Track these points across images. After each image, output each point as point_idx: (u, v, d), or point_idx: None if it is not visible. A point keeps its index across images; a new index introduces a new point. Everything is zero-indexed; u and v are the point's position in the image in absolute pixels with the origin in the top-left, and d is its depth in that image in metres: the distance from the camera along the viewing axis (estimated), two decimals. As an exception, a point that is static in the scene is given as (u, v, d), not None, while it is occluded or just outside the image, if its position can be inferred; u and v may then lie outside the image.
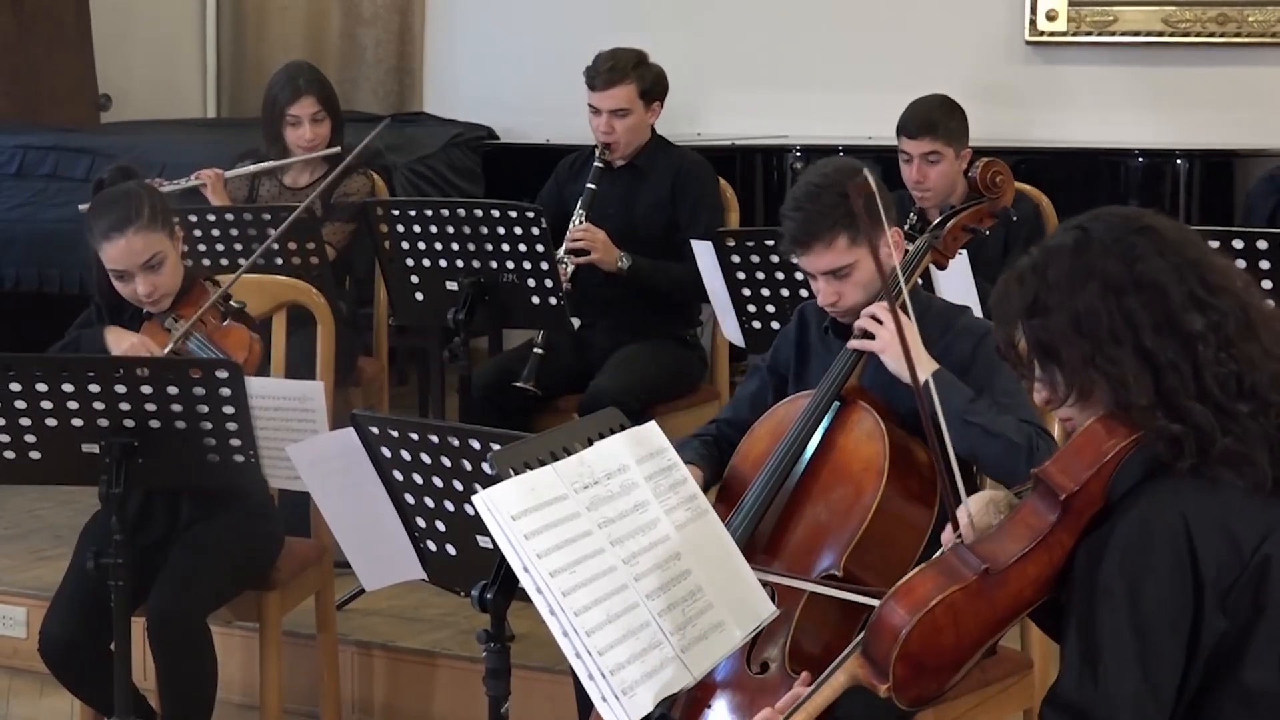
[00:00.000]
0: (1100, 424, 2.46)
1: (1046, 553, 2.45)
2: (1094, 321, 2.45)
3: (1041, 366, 2.52)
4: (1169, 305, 2.44)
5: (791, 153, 7.02)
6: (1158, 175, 6.68)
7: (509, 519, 2.45)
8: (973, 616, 2.46)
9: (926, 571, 2.49)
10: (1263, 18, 7.44)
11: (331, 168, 5.85)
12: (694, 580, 2.65)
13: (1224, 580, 2.38)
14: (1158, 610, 2.37)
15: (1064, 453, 2.47)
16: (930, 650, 2.46)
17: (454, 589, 3.30)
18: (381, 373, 6.04)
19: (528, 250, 5.03)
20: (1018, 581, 2.46)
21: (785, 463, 3.45)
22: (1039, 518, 2.46)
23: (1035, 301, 2.50)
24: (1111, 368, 2.43)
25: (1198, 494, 2.40)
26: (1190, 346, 2.43)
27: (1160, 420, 2.41)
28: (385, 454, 3.17)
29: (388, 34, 8.93)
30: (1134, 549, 2.38)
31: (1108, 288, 2.45)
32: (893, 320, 3.49)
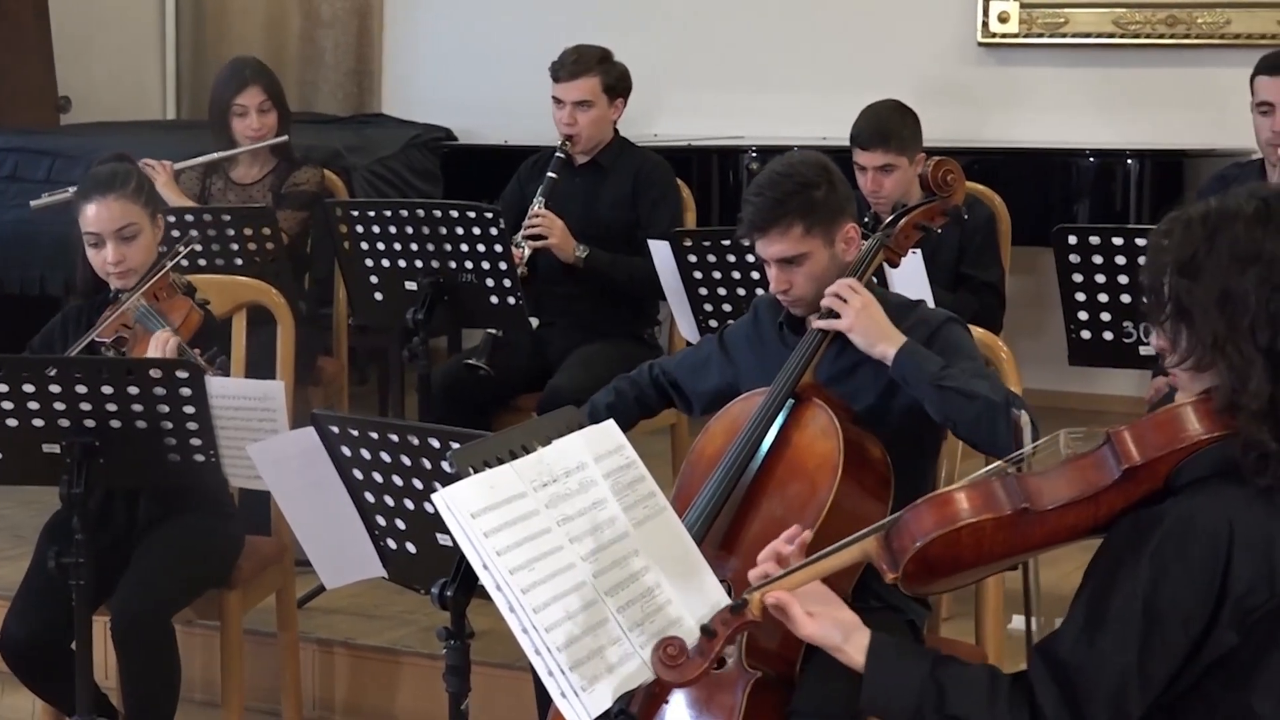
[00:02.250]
0: (1194, 409, 2.40)
1: (1092, 509, 2.42)
2: (1240, 306, 2.37)
3: (1172, 321, 2.44)
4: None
5: (747, 153, 7.03)
6: (1109, 175, 6.71)
7: (468, 517, 2.45)
8: (999, 544, 2.44)
9: (970, 490, 2.46)
10: (1211, 19, 7.48)
11: (280, 160, 5.86)
12: (652, 576, 2.65)
13: (1249, 600, 2.35)
14: (1174, 604, 2.35)
15: (1144, 423, 2.41)
16: (946, 560, 2.45)
17: (414, 586, 3.29)
18: (341, 372, 6.04)
19: (486, 250, 5.03)
20: (1054, 524, 2.43)
21: (741, 459, 3.46)
22: (1098, 474, 2.42)
23: (1192, 259, 2.40)
24: (1238, 358, 2.36)
25: (1257, 511, 2.36)
26: None
27: (1261, 432, 2.35)
28: (345, 453, 3.17)
29: (346, 36, 8.92)
30: (1172, 540, 2.35)
31: (1267, 279, 2.37)
32: (858, 296, 3.51)
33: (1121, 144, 6.92)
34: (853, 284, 3.55)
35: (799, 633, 2.52)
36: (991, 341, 3.83)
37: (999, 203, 5.55)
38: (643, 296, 5.54)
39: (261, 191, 5.87)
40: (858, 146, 5.20)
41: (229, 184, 5.93)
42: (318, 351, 5.87)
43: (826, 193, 3.58)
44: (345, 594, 4.76)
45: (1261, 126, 4.99)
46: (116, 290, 4.23)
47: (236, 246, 5.37)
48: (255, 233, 5.39)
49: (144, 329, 4.12)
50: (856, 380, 3.61)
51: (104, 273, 4.21)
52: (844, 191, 3.65)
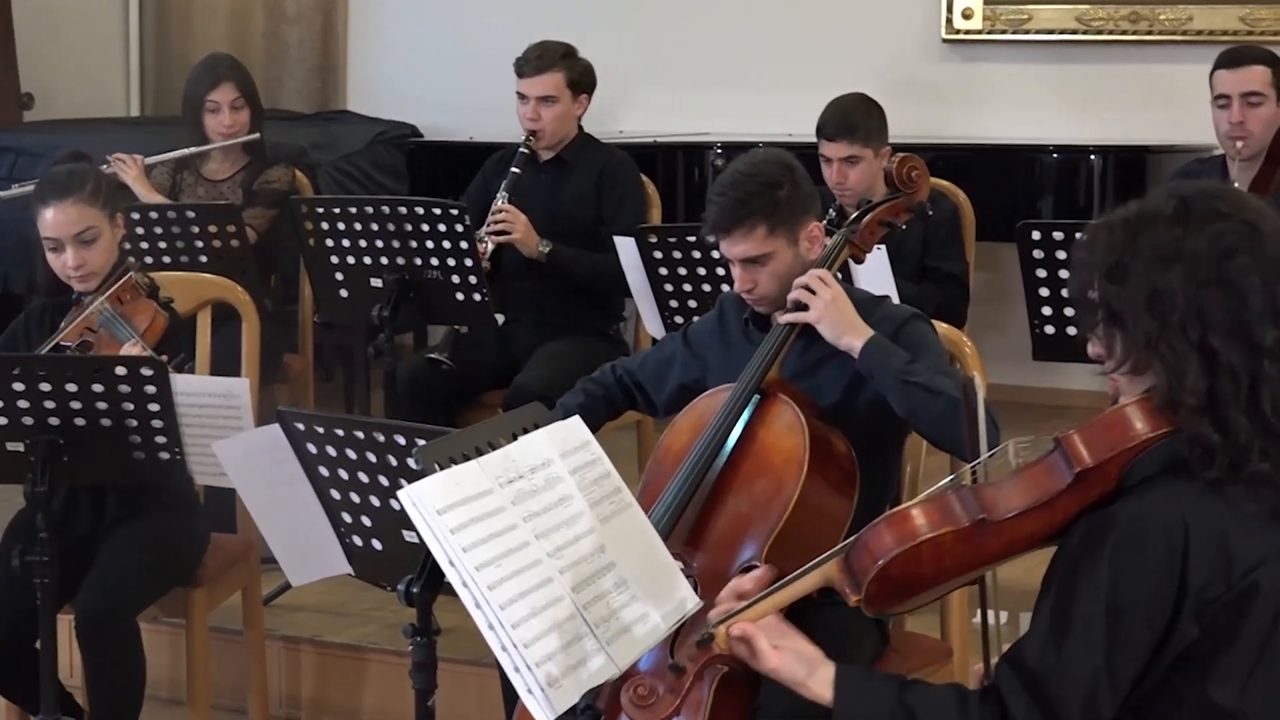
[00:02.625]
0: (1138, 408, 2.41)
1: (1048, 515, 2.43)
2: (1169, 304, 2.38)
3: (1105, 328, 2.46)
4: (1247, 312, 2.38)
5: (712, 150, 7.03)
6: (1072, 171, 6.73)
7: (434, 513, 2.45)
8: (958, 557, 2.45)
9: (925, 505, 2.47)
10: (1174, 16, 7.51)
11: (251, 157, 5.85)
12: (618, 573, 2.65)
13: (1208, 593, 2.36)
14: (1135, 603, 2.36)
15: (1092, 425, 2.42)
16: (908, 578, 2.45)
17: (380, 584, 3.28)
18: (307, 369, 6.03)
19: (452, 247, 5.03)
20: (1011, 534, 2.44)
21: (706, 456, 3.46)
22: (1050, 480, 2.43)
23: (1118, 264, 2.42)
24: (1171, 356, 2.38)
25: (1208, 505, 2.37)
26: (1255, 358, 2.37)
27: (1203, 426, 2.36)
28: (311, 450, 3.16)
29: (311, 33, 8.89)
30: (1129, 540, 2.36)
31: (1191, 276, 2.38)
32: (826, 288, 3.52)
33: (1084, 140, 6.93)
34: (823, 275, 3.56)
35: (763, 666, 2.52)
36: (956, 337, 3.84)
37: (963, 198, 5.57)
38: (607, 292, 5.54)
39: (232, 188, 5.86)
40: (823, 138, 5.23)
41: (200, 180, 5.92)
42: (283, 349, 5.86)
43: (790, 192, 3.59)
44: (311, 591, 4.75)
45: (1220, 120, 5.02)
46: (79, 293, 4.21)
47: (201, 244, 5.36)
48: (220, 230, 5.39)
49: (109, 334, 4.10)
50: (821, 376, 3.61)
51: (65, 276, 4.19)
52: (808, 190, 3.65)
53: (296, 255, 5.58)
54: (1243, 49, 5.17)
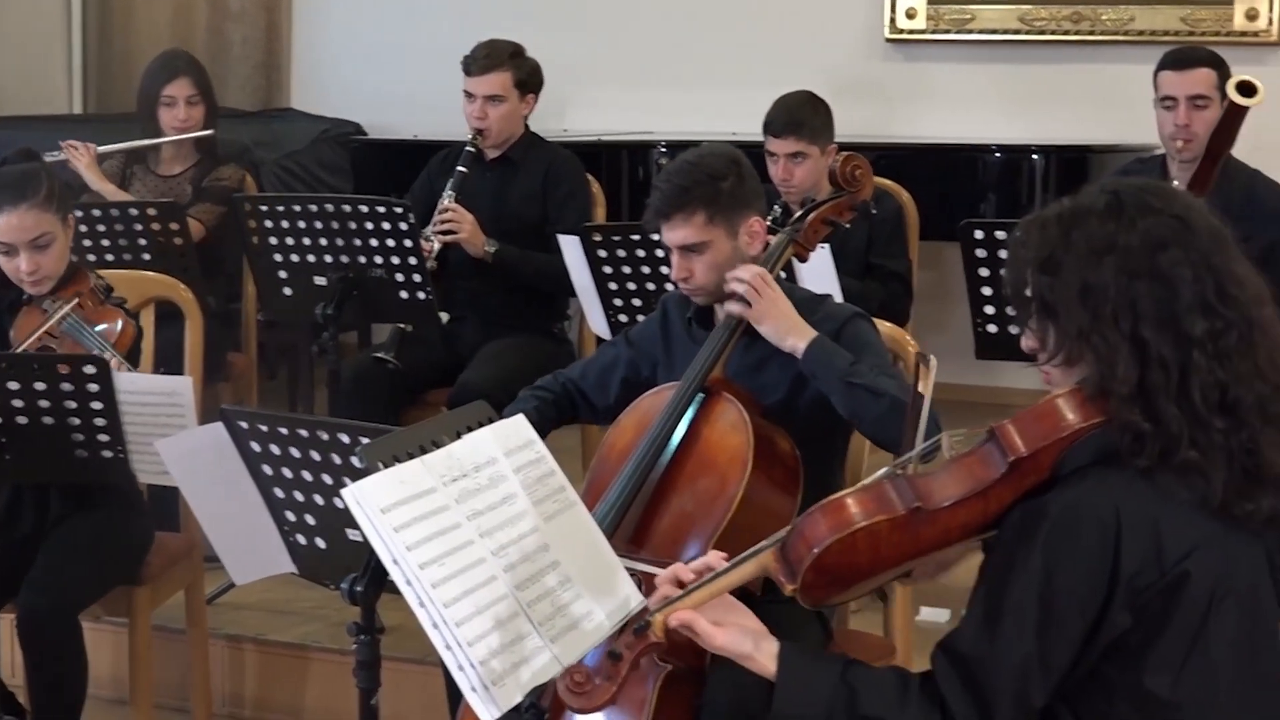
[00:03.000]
0: (1070, 398, 2.44)
1: (982, 504, 2.45)
2: (1100, 297, 2.41)
3: (1038, 320, 2.49)
4: (1176, 303, 2.41)
5: (656, 149, 7.04)
6: (1014, 170, 6.75)
7: (378, 512, 2.45)
8: (893, 546, 2.46)
9: (860, 494, 2.48)
10: (1116, 16, 7.55)
11: (204, 154, 5.84)
12: (562, 571, 2.65)
13: (1139, 582, 2.38)
14: (1069, 591, 2.38)
15: (1025, 415, 2.44)
16: (843, 566, 2.46)
17: (324, 582, 3.28)
18: (250, 368, 6.01)
19: (396, 245, 5.02)
20: (946, 523, 2.46)
21: (651, 454, 3.47)
22: (985, 469, 2.45)
23: (1050, 258, 2.46)
24: (1104, 347, 2.41)
25: (1140, 493, 2.40)
26: (1185, 349, 2.40)
27: (1133, 414, 2.39)
28: (254, 448, 3.15)
29: (255, 30, 8.86)
30: (1062, 528, 2.38)
31: (1123, 268, 2.42)
32: (768, 288, 3.53)
33: (1027, 139, 6.96)
34: (763, 274, 3.57)
35: (708, 645, 2.52)
36: (899, 335, 3.85)
37: (906, 197, 5.59)
38: (552, 291, 5.54)
39: (182, 185, 5.84)
40: (770, 134, 5.26)
41: (151, 174, 5.91)
42: (227, 347, 5.84)
43: (733, 185, 3.60)
44: (254, 590, 4.73)
45: (1164, 121, 5.04)
46: (29, 295, 4.17)
47: (145, 241, 5.34)
48: (164, 227, 5.37)
49: (74, 341, 4.06)
50: (765, 375, 3.62)
51: (17, 279, 4.16)
52: (752, 186, 3.66)
53: (240, 253, 5.56)
54: (1188, 51, 5.20)
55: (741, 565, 2.55)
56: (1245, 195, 4.97)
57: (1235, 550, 2.45)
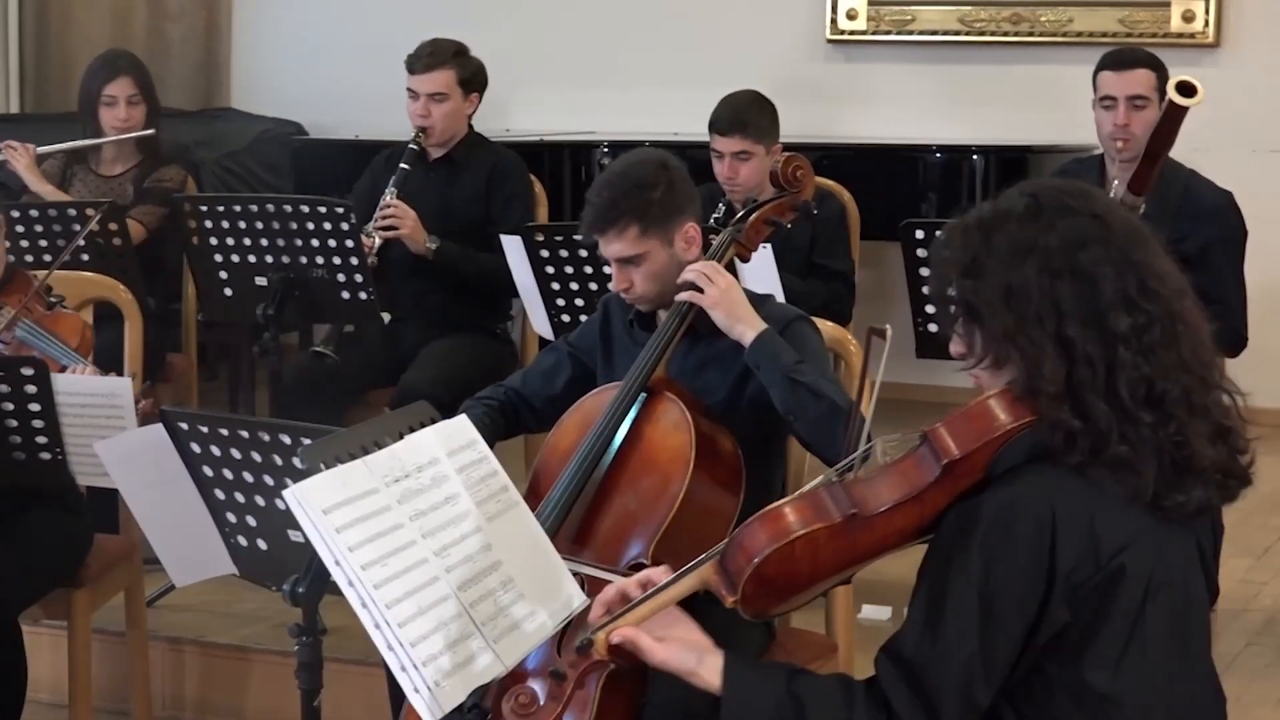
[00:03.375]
0: (1000, 399, 2.45)
1: (918, 507, 2.46)
2: (1023, 298, 2.43)
3: (964, 324, 2.51)
4: (1099, 300, 2.43)
5: (599, 149, 7.04)
6: (955, 170, 6.79)
7: (320, 513, 2.44)
8: (832, 553, 2.47)
9: (797, 502, 2.48)
10: (1055, 18, 7.60)
11: (146, 154, 5.81)
12: (505, 571, 2.65)
13: (1076, 577, 2.40)
14: (1008, 588, 2.39)
15: (957, 418, 2.46)
16: (783, 576, 2.47)
17: (265, 584, 3.26)
18: (191, 369, 5.98)
19: (337, 245, 5.00)
20: (883, 528, 2.46)
21: (593, 454, 3.46)
22: (919, 473, 2.46)
23: (973, 262, 2.47)
24: (1029, 347, 2.42)
25: (1073, 489, 2.42)
26: (1110, 345, 2.42)
27: (1062, 412, 2.41)
28: (195, 450, 3.14)
29: (194, 29, 8.83)
30: (998, 527, 2.40)
31: (1045, 268, 2.43)
32: (722, 277, 3.53)
33: (967, 140, 7.00)
34: (717, 266, 3.57)
35: (651, 661, 2.52)
36: (841, 335, 3.86)
37: (848, 197, 5.61)
38: (493, 291, 5.53)
39: (124, 185, 5.81)
40: (716, 133, 5.28)
41: (92, 174, 5.87)
42: (167, 348, 5.81)
43: (664, 193, 3.59)
44: (195, 592, 4.70)
45: (1104, 120, 5.06)
46: None
47: (84, 241, 5.31)
48: (103, 228, 5.34)
49: (31, 348, 4.02)
50: (706, 377, 3.62)
51: None
52: (684, 191, 3.65)
53: (180, 253, 5.53)
54: (1127, 51, 5.23)
55: (682, 579, 2.55)
56: (1182, 195, 5.01)
57: (1168, 542, 2.48)
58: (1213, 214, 5.00)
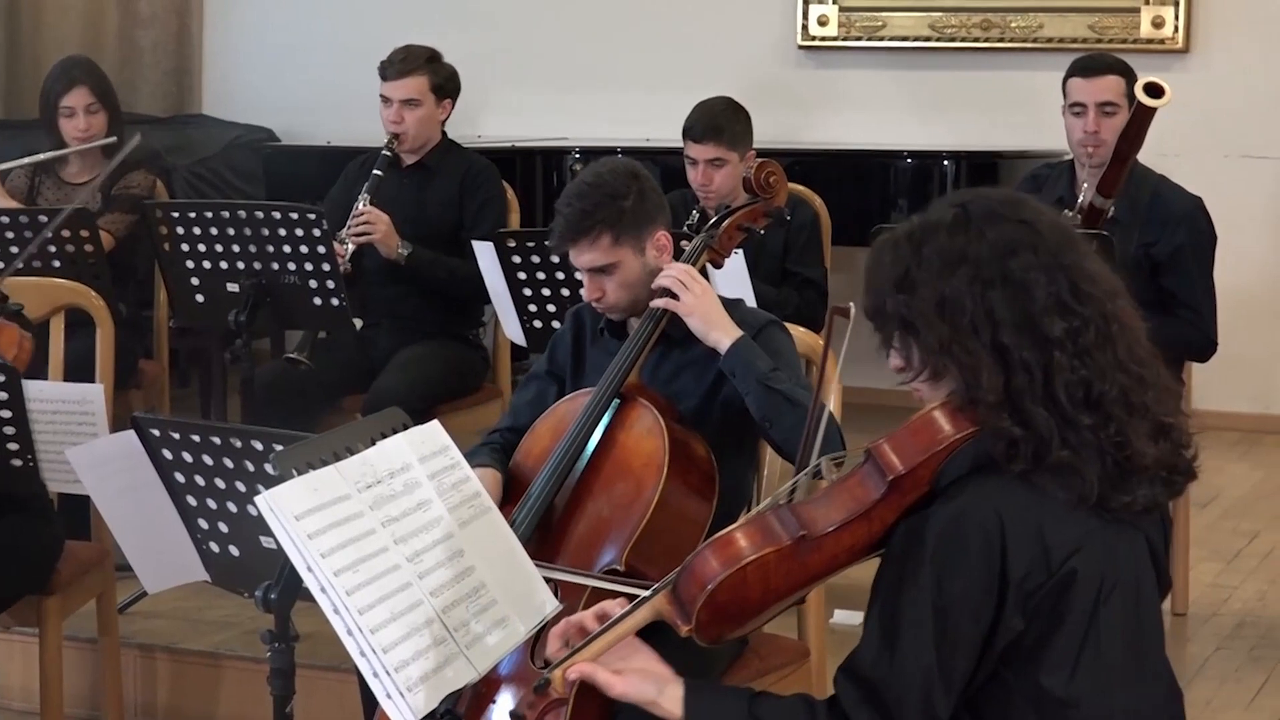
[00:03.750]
0: (941, 411, 2.46)
1: (866, 525, 2.46)
2: (957, 308, 2.44)
3: (900, 339, 2.51)
4: (1032, 306, 2.43)
5: (571, 154, 7.05)
6: (926, 176, 6.81)
7: (292, 519, 2.43)
8: (783, 576, 2.47)
9: (746, 528, 2.48)
10: (1025, 23, 7.63)
11: (110, 161, 5.78)
12: (477, 577, 2.65)
13: (1029, 583, 2.41)
14: (961, 600, 2.40)
15: (899, 433, 2.46)
16: (736, 602, 2.47)
17: (238, 590, 3.25)
18: (162, 375, 5.97)
19: (309, 251, 4.99)
20: (833, 548, 2.47)
21: (567, 460, 3.46)
22: (865, 491, 2.46)
23: (905, 275, 2.48)
24: (966, 357, 2.43)
25: (1019, 497, 2.42)
26: (1046, 350, 2.43)
27: (1003, 420, 2.42)
28: (167, 456, 3.13)
29: (166, 35, 8.81)
30: (948, 539, 2.40)
31: (976, 277, 2.44)
32: (696, 283, 3.53)
33: (938, 145, 7.02)
34: (691, 271, 3.57)
35: (610, 694, 2.51)
36: (814, 341, 3.86)
37: (820, 203, 5.62)
38: (465, 296, 5.53)
39: (91, 192, 5.79)
40: (690, 139, 5.28)
41: (58, 183, 5.85)
42: (138, 354, 5.80)
43: (635, 202, 3.59)
44: (167, 598, 4.71)
45: (1074, 127, 5.07)
46: None
47: (55, 248, 5.30)
48: (74, 235, 5.32)
49: None
50: (679, 384, 3.62)
51: None
52: (654, 200, 3.65)
53: (152, 259, 5.52)
54: (1096, 58, 5.24)
55: (635, 611, 2.54)
56: (1151, 200, 5.02)
57: (1117, 543, 2.49)
58: (1183, 219, 5.02)
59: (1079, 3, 7.57)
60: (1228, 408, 7.15)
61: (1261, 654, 4.89)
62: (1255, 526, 6.14)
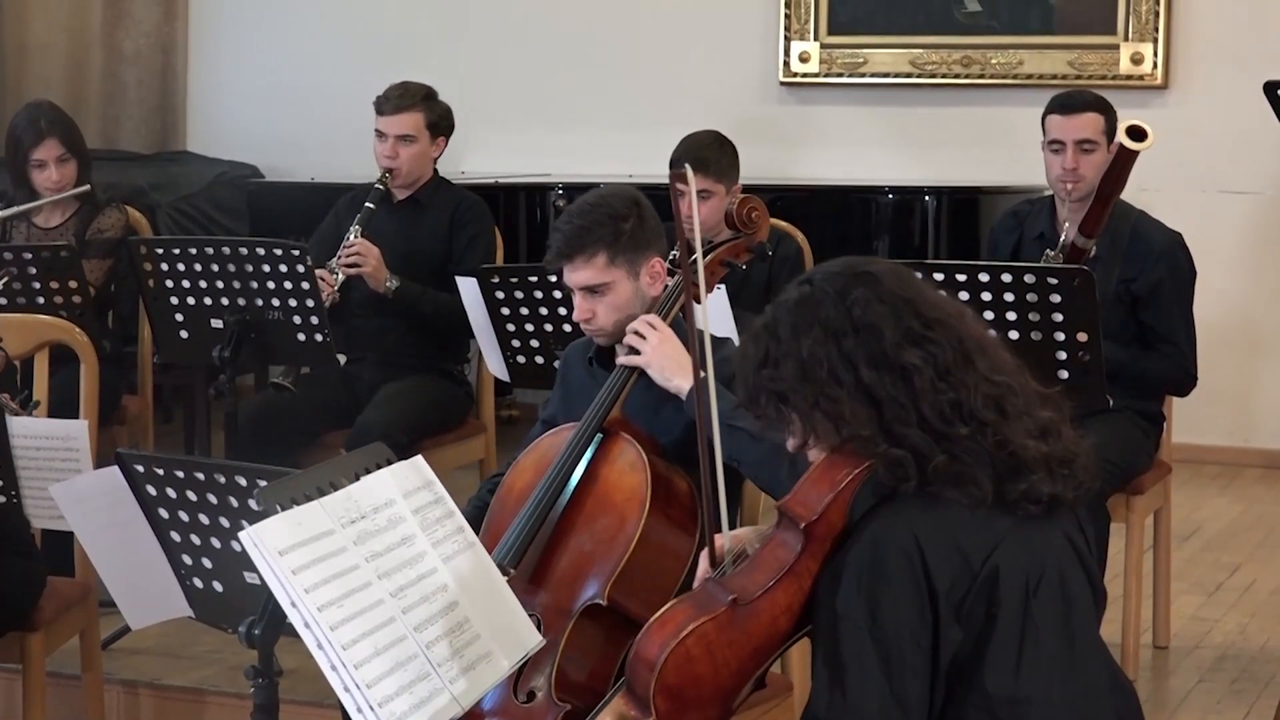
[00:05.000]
0: (832, 456, 2.56)
1: (796, 581, 2.52)
2: (816, 366, 2.54)
3: (779, 414, 2.61)
4: (883, 343, 2.53)
5: (554, 191, 7.06)
6: (907, 211, 6.82)
7: (276, 554, 2.43)
8: (727, 646, 2.51)
9: (680, 604, 2.55)
10: (1005, 60, 7.66)
11: (83, 205, 5.77)
12: (461, 612, 2.65)
13: (957, 592, 2.46)
14: (896, 625, 2.44)
15: (801, 484, 2.56)
16: (688, 681, 2.49)
17: (221, 625, 3.25)
18: (146, 411, 5.96)
19: (293, 287, 5.00)
20: (769, 611, 2.52)
21: (550, 494, 3.46)
22: (785, 549, 2.54)
23: (766, 355, 2.60)
24: (832, 405, 2.53)
25: (925, 512, 2.49)
26: (908, 379, 2.52)
27: (881, 446, 2.50)
28: (150, 492, 3.12)
29: (150, 73, 8.82)
30: (869, 568, 2.45)
31: (828, 333, 2.55)
32: (655, 332, 3.54)
33: (919, 181, 7.04)
34: (651, 319, 3.58)
35: None
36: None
37: (802, 239, 5.62)
38: (450, 330, 5.52)
39: (65, 236, 5.77)
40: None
41: (32, 229, 5.83)
42: (122, 390, 5.79)
43: (635, 225, 3.62)
44: (151, 634, 4.69)
45: (1053, 164, 5.09)
46: None
47: (39, 284, 5.29)
48: (62, 285, 5.31)
49: None
50: (663, 416, 3.63)
51: None
52: (653, 227, 3.68)
53: (135, 295, 5.52)
54: (1074, 95, 5.25)
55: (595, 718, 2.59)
56: (1131, 236, 5.03)
57: (1034, 539, 2.54)
58: (1162, 254, 5.02)
59: (1059, 40, 7.60)
60: (1207, 441, 7.17)
61: (1243, 687, 4.89)
62: (1236, 559, 6.14)
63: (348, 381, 5.49)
